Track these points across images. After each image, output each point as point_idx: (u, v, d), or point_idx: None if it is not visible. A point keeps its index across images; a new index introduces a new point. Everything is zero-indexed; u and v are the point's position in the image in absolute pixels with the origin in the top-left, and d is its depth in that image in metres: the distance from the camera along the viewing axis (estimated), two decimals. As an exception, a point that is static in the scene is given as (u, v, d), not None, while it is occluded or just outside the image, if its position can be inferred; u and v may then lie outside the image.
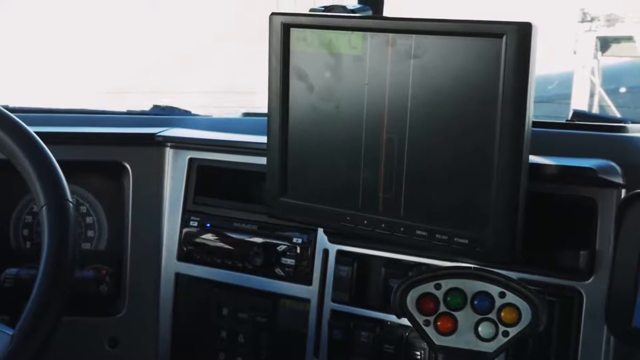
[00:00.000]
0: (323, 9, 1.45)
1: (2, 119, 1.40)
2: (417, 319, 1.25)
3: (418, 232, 1.31)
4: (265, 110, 1.47)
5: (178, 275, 1.77)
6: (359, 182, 1.37)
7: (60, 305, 1.28)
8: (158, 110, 2.10)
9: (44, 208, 1.33)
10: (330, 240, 1.56)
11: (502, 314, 1.22)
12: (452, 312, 1.24)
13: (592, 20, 10.08)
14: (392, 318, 1.47)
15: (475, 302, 1.23)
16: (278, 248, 1.62)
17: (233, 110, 2.05)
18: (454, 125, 1.26)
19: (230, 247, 1.69)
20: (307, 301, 1.59)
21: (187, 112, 2.09)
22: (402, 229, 1.33)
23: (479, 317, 1.22)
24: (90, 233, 1.85)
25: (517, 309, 1.21)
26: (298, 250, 1.60)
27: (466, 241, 1.27)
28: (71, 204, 1.34)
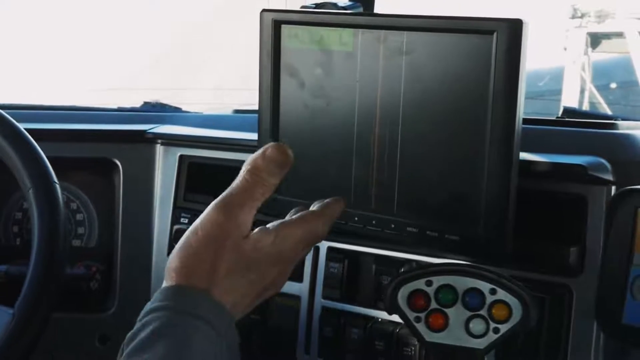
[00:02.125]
0: (314, 5, 1.45)
1: None
2: (408, 316, 1.25)
3: (409, 228, 1.31)
4: (256, 107, 1.47)
5: (169, 272, 1.77)
6: (350, 179, 1.37)
7: (57, 278, 1.30)
8: (148, 106, 2.10)
9: (30, 191, 1.34)
10: (321, 237, 1.56)
11: (493, 311, 1.22)
12: (443, 309, 1.24)
13: (582, 16, 10.09)
14: (383, 315, 1.47)
15: (466, 299, 1.23)
16: (269, 245, 1.62)
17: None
18: (444, 122, 1.26)
19: (221, 244, 1.68)
20: (297, 298, 1.59)
21: (178, 109, 2.09)
22: (392, 226, 1.33)
23: (470, 313, 1.23)
24: (80, 230, 1.85)
25: (508, 305, 1.21)
26: (289, 247, 1.60)
27: (457, 238, 1.27)
28: (57, 185, 1.35)
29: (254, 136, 1.49)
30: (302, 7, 1.46)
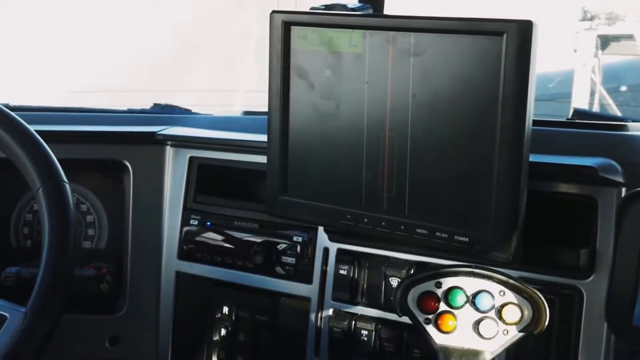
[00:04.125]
0: (324, 7, 1.45)
1: None
2: (418, 318, 1.25)
3: (418, 230, 1.31)
4: (257, 108, 1.47)
5: (178, 274, 1.77)
6: (361, 181, 1.37)
7: (67, 279, 1.31)
8: (158, 108, 2.11)
9: (40, 190, 1.34)
10: (331, 239, 1.56)
11: (503, 313, 1.21)
12: (453, 311, 1.24)
13: (592, 18, 10.06)
14: (393, 316, 1.47)
15: (476, 301, 1.23)
16: (278, 246, 1.62)
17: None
18: (454, 123, 1.26)
19: (231, 246, 1.69)
20: (307, 300, 1.59)
21: (188, 111, 2.09)
22: (402, 227, 1.33)
23: (480, 315, 1.22)
24: (90, 231, 1.85)
25: (518, 307, 1.21)
26: (298, 249, 1.60)
27: (466, 239, 1.26)
28: (67, 184, 1.36)
29: (263, 138, 1.50)
30: (312, 8, 1.46)
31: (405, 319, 1.27)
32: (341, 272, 1.53)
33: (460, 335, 1.23)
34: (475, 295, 1.23)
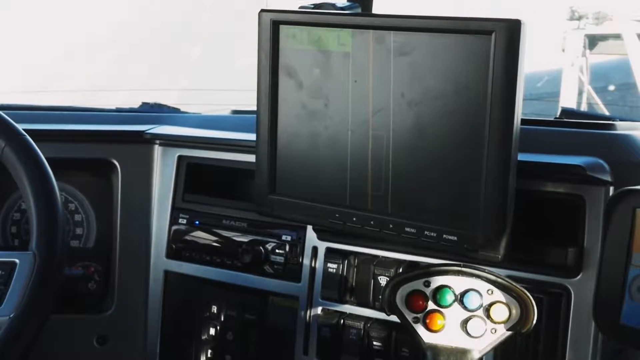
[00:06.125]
0: (312, 6, 1.45)
1: None
2: (406, 316, 1.25)
3: (407, 229, 1.31)
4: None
5: (167, 273, 1.77)
6: (346, 180, 1.37)
7: (60, 213, 1.36)
8: (147, 107, 2.10)
9: (5, 148, 1.38)
10: (320, 238, 1.56)
11: (491, 311, 1.22)
12: (441, 310, 1.24)
13: (580, 18, 10.09)
14: (381, 315, 1.47)
15: (464, 300, 1.23)
16: (267, 245, 1.62)
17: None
18: (443, 122, 1.26)
19: (219, 245, 1.69)
20: (296, 298, 1.59)
21: (176, 110, 2.09)
22: (391, 226, 1.33)
23: (468, 314, 1.23)
24: (78, 230, 1.85)
25: (506, 306, 1.21)
26: (287, 248, 1.60)
27: (455, 238, 1.27)
28: (28, 137, 1.42)
29: (252, 137, 1.49)
30: (301, 7, 1.46)
31: (394, 318, 1.27)
32: (330, 270, 1.53)
33: (449, 334, 1.23)
34: (463, 294, 1.23)
